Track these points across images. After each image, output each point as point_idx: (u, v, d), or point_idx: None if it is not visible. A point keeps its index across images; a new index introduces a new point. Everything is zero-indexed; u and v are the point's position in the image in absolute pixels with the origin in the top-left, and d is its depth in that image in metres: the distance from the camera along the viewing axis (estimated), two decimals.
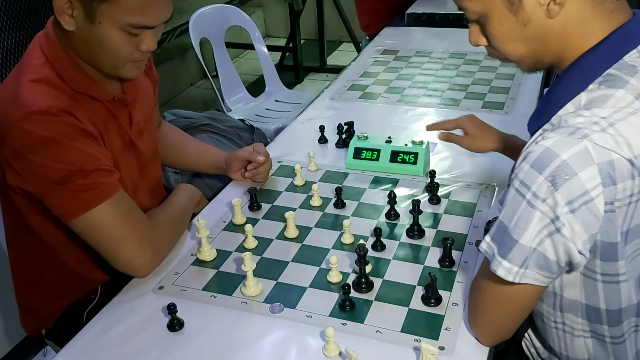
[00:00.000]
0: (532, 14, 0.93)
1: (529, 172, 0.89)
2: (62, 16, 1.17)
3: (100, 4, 1.14)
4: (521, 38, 0.97)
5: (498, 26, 0.97)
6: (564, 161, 0.86)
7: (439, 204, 1.47)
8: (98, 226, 1.19)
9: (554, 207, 0.87)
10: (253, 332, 1.12)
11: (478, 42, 1.03)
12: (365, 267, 1.19)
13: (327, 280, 1.22)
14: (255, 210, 1.48)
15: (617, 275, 0.96)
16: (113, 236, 1.20)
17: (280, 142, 1.87)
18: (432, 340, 1.06)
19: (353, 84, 2.25)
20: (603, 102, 0.90)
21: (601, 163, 0.86)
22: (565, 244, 0.89)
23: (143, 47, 1.21)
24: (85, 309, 1.37)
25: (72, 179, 1.15)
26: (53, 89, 1.20)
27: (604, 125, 0.88)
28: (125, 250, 1.21)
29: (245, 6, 4.04)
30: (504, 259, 0.93)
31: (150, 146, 1.45)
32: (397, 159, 1.61)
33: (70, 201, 1.17)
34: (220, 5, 3.11)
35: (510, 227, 0.92)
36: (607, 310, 1.00)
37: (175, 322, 1.12)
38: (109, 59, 1.22)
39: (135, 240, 1.22)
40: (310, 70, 4.91)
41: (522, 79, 2.18)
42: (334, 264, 1.20)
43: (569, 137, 0.87)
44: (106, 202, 1.18)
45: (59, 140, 1.15)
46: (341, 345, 1.05)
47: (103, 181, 1.19)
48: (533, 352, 1.19)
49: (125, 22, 1.16)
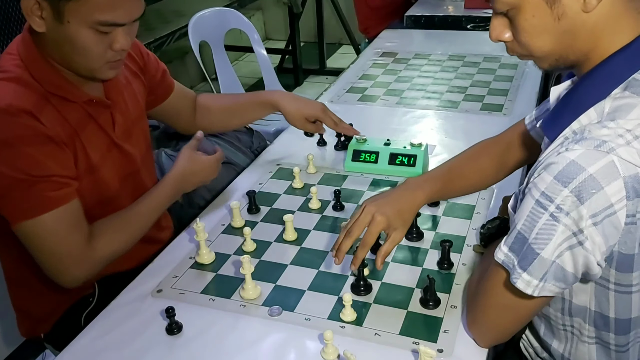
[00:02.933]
0: (568, 7, 0.90)
1: (552, 184, 0.87)
2: (32, 17, 1.16)
3: (67, 2, 1.13)
4: (552, 32, 0.93)
5: (530, 18, 0.93)
6: (590, 175, 0.85)
7: (437, 207, 1.47)
8: (36, 236, 1.19)
9: (578, 220, 0.86)
10: (251, 335, 1.12)
11: (500, 37, 0.99)
12: (364, 270, 1.19)
13: (340, 318, 1.14)
14: (254, 213, 1.48)
15: (630, 286, 0.95)
16: (45, 250, 1.20)
17: (279, 144, 1.87)
18: (430, 342, 1.06)
19: (352, 86, 2.26)
20: (627, 111, 0.88)
21: (627, 177, 0.85)
22: (586, 256, 0.88)
23: (117, 45, 1.20)
24: (83, 312, 1.37)
25: (14, 187, 1.15)
26: (23, 87, 1.18)
27: (629, 139, 0.86)
28: (55, 266, 1.22)
29: (244, 9, 4.05)
30: (524, 271, 0.92)
31: (141, 149, 1.44)
32: (395, 161, 1.61)
33: (12, 206, 1.17)
34: (220, 9, 3.11)
35: (530, 239, 0.91)
36: (616, 319, 0.99)
37: (173, 326, 1.12)
38: (82, 59, 1.20)
39: (66, 259, 1.21)
40: (310, 73, 4.91)
41: (520, 81, 2.19)
42: (347, 301, 1.13)
43: (594, 150, 0.86)
44: (49, 214, 1.17)
45: (11, 142, 1.14)
46: (339, 348, 1.05)
47: (46, 195, 1.17)
48: (531, 353, 1.19)
49: (94, 20, 1.15)
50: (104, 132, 1.32)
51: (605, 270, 0.93)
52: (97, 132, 1.31)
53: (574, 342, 1.06)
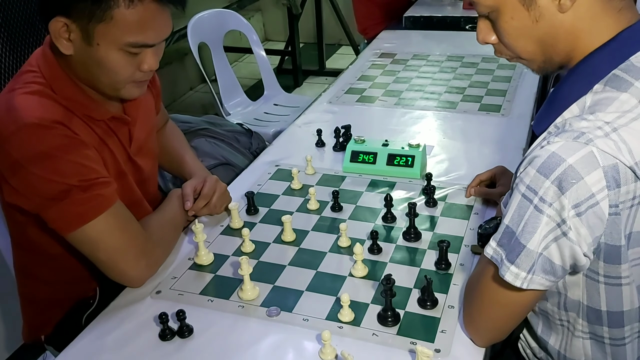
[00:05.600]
0: (544, 8, 0.93)
1: (535, 177, 0.89)
2: (60, 40, 1.15)
3: (97, 24, 1.12)
4: (532, 34, 0.96)
5: (510, 20, 0.96)
6: (570, 165, 0.86)
7: (435, 207, 1.47)
8: (94, 239, 1.18)
9: (561, 210, 0.88)
10: (250, 335, 1.12)
11: (486, 39, 1.02)
12: (391, 299, 1.11)
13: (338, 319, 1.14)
14: (252, 214, 1.48)
15: (619, 278, 0.96)
16: (109, 249, 1.20)
17: (278, 145, 1.88)
18: (428, 342, 1.07)
19: (351, 87, 2.26)
20: (607, 105, 0.90)
21: (606, 166, 0.86)
22: (572, 247, 0.89)
23: (145, 66, 1.19)
24: (84, 314, 1.38)
25: (70, 193, 1.14)
26: (47, 99, 1.18)
27: (607, 131, 0.88)
28: (120, 262, 1.21)
29: (244, 10, 4.05)
30: (512, 264, 0.93)
31: (149, 163, 1.45)
32: (393, 162, 1.61)
33: (67, 215, 1.15)
34: (219, 10, 3.12)
35: (517, 232, 0.92)
36: (608, 311, 1.00)
37: (167, 332, 1.12)
38: (109, 80, 1.20)
39: (130, 252, 1.21)
40: (309, 74, 4.92)
41: (519, 82, 2.19)
42: (345, 301, 1.12)
43: (573, 141, 0.88)
44: (103, 215, 1.17)
45: (53, 154, 1.14)
46: (337, 349, 1.05)
47: (100, 194, 1.17)
48: (529, 353, 1.20)
49: (124, 42, 1.14)
50: (122, 148, 1.33)
51: (594, 262, 0.95)
52: (117, 147, 1.32)
53: (569, 337, 1.07)
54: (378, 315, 1.13)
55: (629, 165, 0.87)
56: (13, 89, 1.20)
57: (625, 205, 0.89)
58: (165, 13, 1.18)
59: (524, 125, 1.87)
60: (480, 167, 1.60)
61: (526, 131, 1.83)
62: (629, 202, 0.89)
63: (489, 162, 1.60)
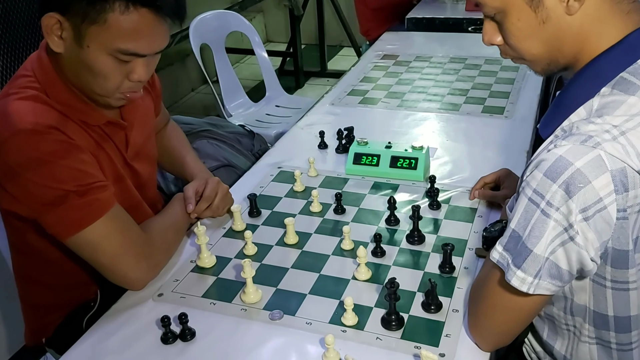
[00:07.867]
0: (552, 10, 0.92)
1: (542, 180, 0.88)
2: (51, 37, 1.14)
3: (90, 25, 1.11)
4: (539, 36, 0.95)
5: (516, 22, 0.95)
6: (577, 169, 0.86)
7: (439, 210, 1.46)
8: (94, 243, 1.18)
9: (568, 215, 0.87)
10: (252, 339, 1.11)
11: (492, 40, 1.01)
12: (395, 303, 1.10)
13: (341, 322, 1.13)
14: (255, 217, 1.48)
15: (627, 283, 0.95)
16: (109, 252, 1.19)
17: (280, 147, 1.87)
18: (432, 347, 1.06)
19: (353, 89, 2.25)
20: (615, 108, 0.89)
21: (614, 171, 0.85)
22: (579, 252, 0.88)
23: (134, 76, 1.17)
24: (85, 317, 1.37)
25: (67, 199, 1.13)
26: (41, 104, 1.17)
27: (615, 134, 0.87)
28: (121, 265, 1.20)
29: (245, 11, 4.05)
30: (518, 268, 0.92)
31: (147, 167, 1.44)
32: (397, 164, 1.60)
33: (65, 220, 1.15)
34: (221, 11, 3.12)
35: (524, 236, 0.91)
36: (615, 316, 0.99)
37: (169, 335, 1.11)
38: (97, 86, 1.18)
39: (131, 255, 1.20)
40: (311, 75, 4.92)
41: (522, 84, 2.18)
42: (349, 305, 1.11)
43: (581, 145, 0.87)
44: (101, 219, 1.16)
45: (49, 159, 1.12)
46: (341, 353, 1.04)
47: (97, 198, 1.16)
48: (534, 357, 1.19)
49: (114, 47, 1.12)
50: (119, 153, 1.33)
51: (601, 267, 0.94)
52: (113, 151, 1.31)
53: (575, 342, 1.06)
54: (382, 319, 1.12)
55: (637, 169, 0.86)
56: (7, 94, 1.19)
57: (633, 210, 0.88)
58: (161, 26, 1.16)
59: (527, 128, 1.86)
60: (484, 169, 1.59)
61: (530, 133, 1.82)
62: (636, 207, 0.88)
63: (493, 164, 1.59)
